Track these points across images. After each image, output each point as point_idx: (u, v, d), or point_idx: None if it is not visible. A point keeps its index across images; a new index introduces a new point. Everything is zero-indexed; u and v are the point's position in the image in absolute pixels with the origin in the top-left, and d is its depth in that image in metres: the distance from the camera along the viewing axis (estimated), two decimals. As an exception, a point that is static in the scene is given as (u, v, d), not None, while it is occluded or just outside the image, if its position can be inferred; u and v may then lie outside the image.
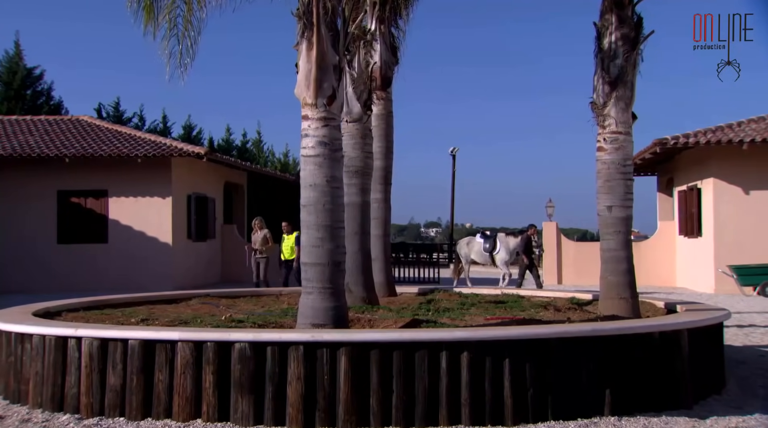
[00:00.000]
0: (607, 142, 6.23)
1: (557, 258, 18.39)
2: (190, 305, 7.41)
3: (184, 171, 17.20)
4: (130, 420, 4.72)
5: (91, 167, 16.36)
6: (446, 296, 7.80)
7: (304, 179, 5.21)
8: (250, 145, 30.93)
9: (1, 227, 16.45)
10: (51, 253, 16.47)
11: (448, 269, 20.59)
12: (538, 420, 4.52)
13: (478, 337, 4.66)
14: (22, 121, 18.99)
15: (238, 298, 8.24)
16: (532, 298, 7.81)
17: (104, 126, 18.64)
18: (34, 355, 5.15)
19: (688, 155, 15.86)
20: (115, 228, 16.65)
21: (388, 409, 4.55)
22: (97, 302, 7.38)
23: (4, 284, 16.04)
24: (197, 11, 6.43)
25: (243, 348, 4.64)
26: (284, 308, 6.84)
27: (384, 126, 8.18)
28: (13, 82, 26.05)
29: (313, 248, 5.16)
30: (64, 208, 16.66)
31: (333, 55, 5.17)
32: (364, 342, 4.61)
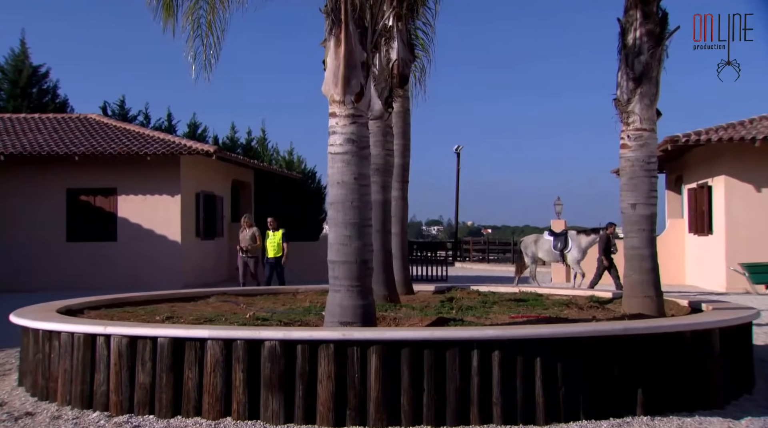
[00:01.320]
0: (631, 139, 6.21)
1: (566, 256, 18.32)
2: (210, 303, 7.40)
3: (192, 169, 17.18)
4: (159, 417, 4.71)
5: (100, 165, 16.35)
6: (465, 295, 7.78)
7: (331, 177, 5.20)
8: (254, 143, 30.87)
9: (11, 226, 16.45)
10: (60, 251, 16.47)
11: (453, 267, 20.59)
12: (570, 420, 4.50)
13: (510, 335, 4.64)
14: (31, 119, 18.97)
15: (255, 296, 8.22)
16: (551, 296, 7.79)
17: (112, 124, 18.63)
18: (62, 353, 5.14)
19: (699, 152, 15.81)
20: (124, 226, 16.65)
21: (419, 408, 4.53)
22: (117, 299, 7.38)
23: (14, 283, 16.03)
24: (220, 11, 6.44)
25: (273, 346, 4.63)
26: (306, 306, 6.82)
27: (401, 124, 8.16)
28: (19, 80, 25.98)
29: (341, 246, 5.15)
30: (73, 206, 16.65)
31: (360, 52, 5.15)
32: (395, 341, 4.60)
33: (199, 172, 17.61)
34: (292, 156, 30.29)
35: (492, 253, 32.80)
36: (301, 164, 29.80)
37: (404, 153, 8.17)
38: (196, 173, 17.39)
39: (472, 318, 5.74)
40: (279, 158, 29.94)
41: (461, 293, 7.85)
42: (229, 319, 5.78)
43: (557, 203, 18.74)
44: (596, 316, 5.92)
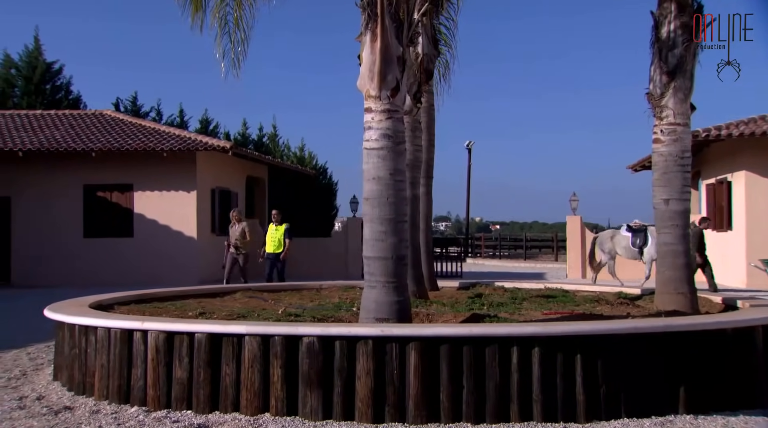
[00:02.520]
0: (665, 133, 6.15)
1: (581, 252, 18.26)
2: (236, 299, 7.40)
3: (207, 165, 17.22)
4: (197, 413, 4.72)
5: (117, 161, 16.41)
6: (491, 291, 7.75)
7: (366, 172, 5.17)
8: (266, 139, 30.89)
9: (29, 222, 16.56)
10: (77, 247, 16.55)
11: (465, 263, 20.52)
12: (611, 418, 4.46)
13: (549, 332, 4.61)
14: (47, 115, 19.06)
15: (279, 292, 8.23)
16: (577, 293, 7.75)
17: (127, 120, 18.68)
18: (99, 348, 5.16)
19: (718, 147, 15.68)
20: (141, 222, 16.71)
21: (458, 405, 4.51)
22: (144, 295, 7.40)
23: (31, 278, 16.16)
24: (246, 8, 6.44)
25: (311, 342, 4.61)
26: (335, 302, 6.81)
27: (426, 119, 8.13)
28: (33, 76, 26.11)
29: (376, 242, 5.13)
30: (90, 202, 16.73)
31: (396, 47, 5.11)
32: (434, 337, 4.57)
33: (215, 168, 17.64)
34: (303, 152, 30.31)
35: (503, 249, 32.72)
36: (313, 160, 29.81)
37: (429, 148, 8.15)
38: (211, 169, 17.43)
39: (504, 315, 5.72)
40: (290, 154, 29.97)
41: (487, 290, 7.82)
42: (261, 315, 5.78)
43: (573, 198, 18.64)
44: (630, 313, 5.88)
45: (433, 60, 8.03)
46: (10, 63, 26.38)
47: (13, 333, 8.69)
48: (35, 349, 7.41)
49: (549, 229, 77.64)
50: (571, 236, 18.40)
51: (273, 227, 12.00)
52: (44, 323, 9.33)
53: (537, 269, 24.27)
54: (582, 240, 18.34)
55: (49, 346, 7.57)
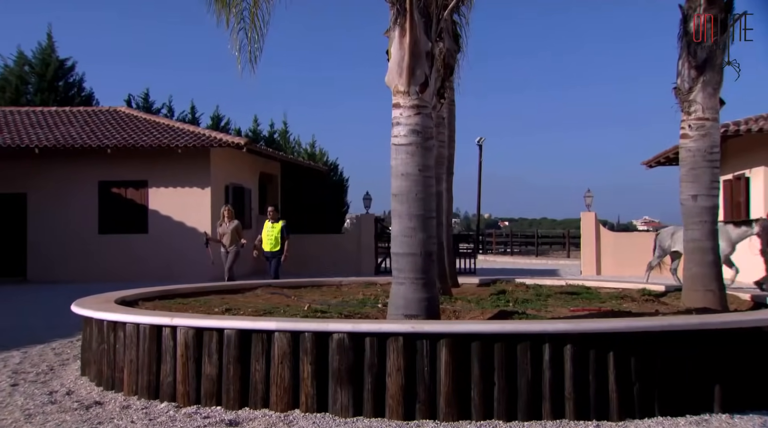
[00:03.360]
0: (693, 128, 6.08)
1: (596, 249, 18.19)
2: (259, 295, 7.42)
3: (221, 162, 17.25)
4: (227, 409, 4.72)
5: (132, 157, 16.47)
6: (513, 287, 7.71)
7: (395, 168, 5.15)
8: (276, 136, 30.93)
9: (45, 218, 16.67)
10: (92, 243, 16.66)
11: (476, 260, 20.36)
12: (645, 416, 4.42)
13: (582, 329, 4.57)
14: (62, 112, 19.16)
15: (300, 288, 8.24)
16: (600, 289, 7.70)
17: (142, 117, 18.75)
18: (128, 343, 5.17)
19: (735, 143, 15.51)
20: (155, 218, 16.78)
21: (490, 402, 4.49)
22: (167, 291, 7.42)
23: (47, 274, 16.29)
24: (263, 3, 6.42)
25: (341, 338, 4.60)
26: (360, 298, 6.80)
27: (447, 115, 8.08)
28: (46, 73, 26.25)
29: (405, 238, 5.10)
30: (105, 198, 16.82)
31: (425, 42, 5.08)
32: (465, 334, 4.55)
33: (228, 164, 17.68)
34: (314, 148, 30.32)
35: (515, 246, 32.63)
36: (324, 156, 29.81)
37: (450, 145, 8.11)
38: (225, 166, 17.47)
39: (532, 311, 5.68)
40: (301, 151, 29.98)
41: (509, 286, 7.78)
42: (287, 311, 5.78)
43: (587, 195, 18.53)
44: (658, 310, 5.83)
45: (454, 55, 7.98)
46: (24, 60, 26.53)
47: (36, 328, 8.74)
48: (59, 344, 7.45)
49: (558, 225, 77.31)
50: (586, 232, 18.31)
51: (269, 225, 11.24)
52: (65, 318, 9.40)
53: (549, 265, 24.16)
54: (596, 236, 18.25)
55: (73, 341, 7.63)
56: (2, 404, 4.93)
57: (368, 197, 19.24)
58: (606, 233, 18.61)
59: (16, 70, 26.23)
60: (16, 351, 7.01)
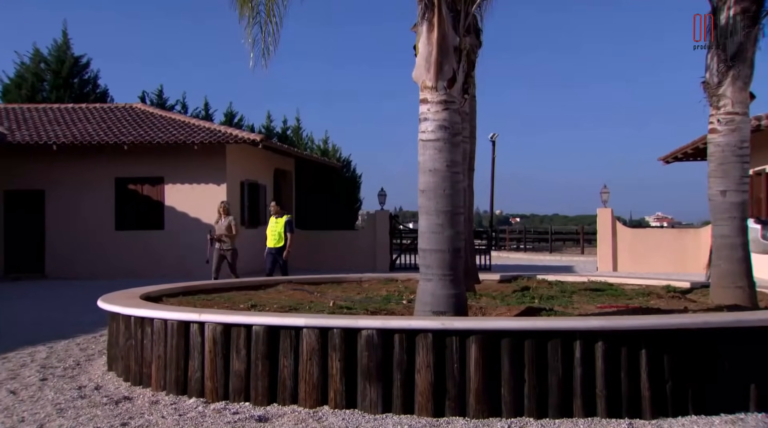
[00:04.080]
0: (722, 123, 6.00)
1: (612, 245, 18.06)
2: (281, 291, 7.42)
3: (237, 158, 17.29)
4: (256, 405, 4.72)
5: (148, 154, 16.54)
6: (536, 284, 7.66)
7: (422, 164, 5.12)
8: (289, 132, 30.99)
9: (62, 215, 16.79)
10: (109, 240, 16.76)
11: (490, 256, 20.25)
12: (678, 414, 4.37)
13: (614, 326, 4.52)
14: (78, 109, 19.29)
15: (320, 285, 8.23)
16: (623, 286, 7.63)
17: (158, 113, 18.83)
18: (155, 339, 5.19)
19: (757, 137, 15.29)
20: (171, 215, 16.85)
21: (520, 399, 4.46)
22: (189, 287, 7.45)
23: (64, 270, 16.42)
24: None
25: (370, 335, 4.59)
26: (384, 294, 6.78)
27: (468, 110, 8.01)
28: (61, 70, 26.43)
29: (432, 234, 5.08)
30: (121, 195, 16.91)
31: (453, 37, 5.04)
32: (496, 330, 4.52)
33: (244, 161, 17.72)
34: (327, 145, 30.33)
35: (528, 242, 32.47)
36: (336, 152, 29.82)
37: (471, 140, 8.06)
38: (240, 162, 17.51)
39: (559, 308, 5.64)
40: (313, 147, 30.00)
41: (531, 283, 7.73)
42: (312, 308, 5.77)
43: (604, 191, 18.38)
44: (687, 307, 5.76)
45: (476, 50, 7.91)
46: (40, 57, 26.73)
47: (58, 323, 8.82)
48: (83, 339, 7.50)
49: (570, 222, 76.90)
50: (602, 228, 18.18)
51: (273, 220, 11.16)
52: (86, 314, 9.51)
53: (563, 262, 24.01)
54: (613, 233, 18.12)
55: (96, 337, 7.69)
56: (33, 398, 4.97)
57: (383, 194, 19.21)
58: (623, 230, 18.46)
59: (32, 68, 26.43)
60: (41, 345, 7.07)
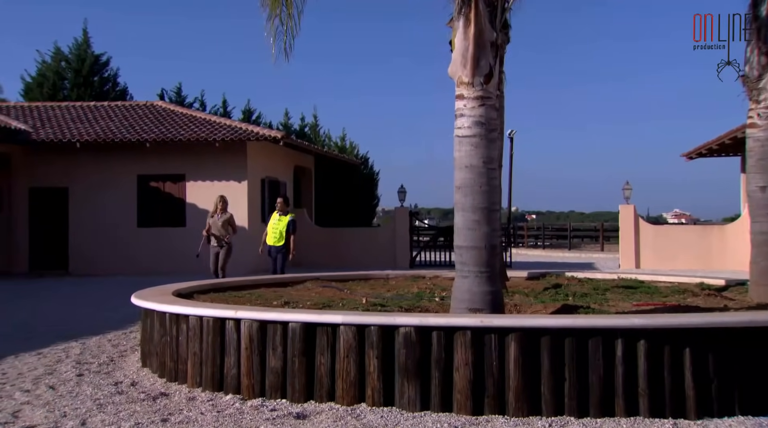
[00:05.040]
0: (762, 118, 5.89)
1: (635, 242, 17.86)
2: (309, 288, 7.42)
3: (257, 155, 17.35)
4: (292, 402, 4.72)
5: (170, 151, 16.65)
6: (566, 281, 7.59)
7: (458, 160, 5.07)
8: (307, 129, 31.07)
9: (85, 212, 16.98)
10: (131, 236, 16.91)
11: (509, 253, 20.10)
12: (724, 415, 4.29)
13: (656, 324, 4.45)
14: (100, 107, 19.47)
15: (347, 281, 8.22)
16: (654, 283, 7.52)
17: (179, 111, 18.95)
18: (191, 336, 5.21)
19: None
20: (193, 212, 16.94)
21: (560, 398, 4.41)
22: (218, 284, 7.48)
23: (86, 267, 16.60)
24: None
25: (408, 332, 4.56)
26: (415, 291, 6.76)
27: (498, 106, 7.96)
28: (82, 68, 26.72)
29: (469, 231, 5.04)
30: (143, 192, 17.06)
31: (490, 32, 4.99)
32: (535, 328, 4.47)
33: (264, 158, 17.78)
34: (344, 142, 30.36)
35: (547, 239, 32.27)
36: (354, 149, 29.84)
37: (500, 136, 7.98)
38: (261, 159, 17.57)
39: (595, 306, 5.57)
40: (331, 144, 30.05)
41: (562, 280, 7.66)
42: (345, 305, 5.76)
43: (626, 187, 18.17)
44: (727, 305, 5.66)
45: (504, 46, 7.84)
46: (61, 56, 27.03)
47: (87, 320, 8.91)
48: (114, 336, 7.56)
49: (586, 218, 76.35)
50: (624, 225, 17.99)
51: (276, 217, 10.58)
52: (113, 310, 9.62)
53: (583, 259, 23.82)
54: (635, 229, 17.92)
55: (126, 333, 7.75)
56: (72, 393, 5.02)
57: (403, 190, 19.17)
58: (645, 226, 18.25)
59: (54, 66, 26.75)
60: (74, 342, 7.14)
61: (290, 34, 6.43)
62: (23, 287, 13.87)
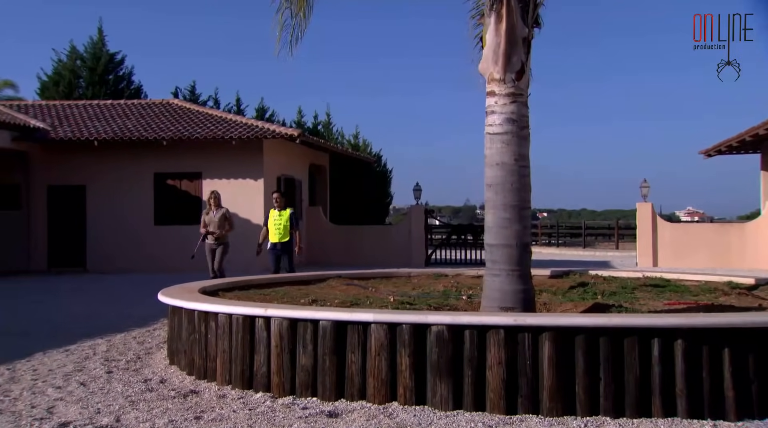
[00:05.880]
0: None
1: (652, 240, 17.71)
2: (333, 286, 7.40)
3: (273, 153, 17.37)
4: (323, 400, 4.70)
5: (186, 149, 16.72)
6: (591, 279, 7.52)
7: (489, 158, 5.03)
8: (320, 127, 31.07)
9: (103, 209, 17.08)
10: (148, 234, 17.00)
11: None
12: (765, 416, 4.21)
13: (694, 324, 4.39)
14: (117, 105, 19.58)
15: (369, 280, 8.20)
16: (682, 282, 7.43)
17: (195, 109, 19.01)
18: (220, 333, 5.20)
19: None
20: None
21: (596, 397, 4.35)
22: (241, 282, 7.47)
23: (104, 265, 16.71)
24: None
25: (440, 330, 4.53)
26: (441, 289, 6.72)
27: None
28: (97, 67, 26.87)
29: (500, 229, 4.99)
30: (160, 190, 17.14)
31: (522, 28, 4.94)
32: (570, 327, 4.42)
33: (280, 156, 17.80)
34: (357, 140, 30.32)
35: (561, 237, 32.09)
36: (367, 147, 29.79)
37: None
38: (277, 157, 17.59)
39: (626, 305, 5.50)
40: (344, 142, 30.02)
41: (587, 278, 7.59)
42: (374, 303, 5.74)
43: (644, 185, 18.01)
44: (761, 304, 5.58)
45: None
46: (76, 55, 27.21)
47: (109, 317, 8.96)
48: (138, 333, 7.59)
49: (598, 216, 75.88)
50: (642, 223, 17.84)
51: (275, 213, 10.06)
52: (133, 307, 9.68)
53: (598, 257, 23.65)
54: (653, 227, 17.76)
55: (150, 330, 7.79)
56: (104, 390, 5.03)
57: (418, 188, 19.13)
58: (663, 224, 18.09)
59: (69, 65, 26.93)
60: (99, 339, 7.17)
61: (299, 28, 6.30)
62: (43, 284, 13.99)
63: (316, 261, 18.86)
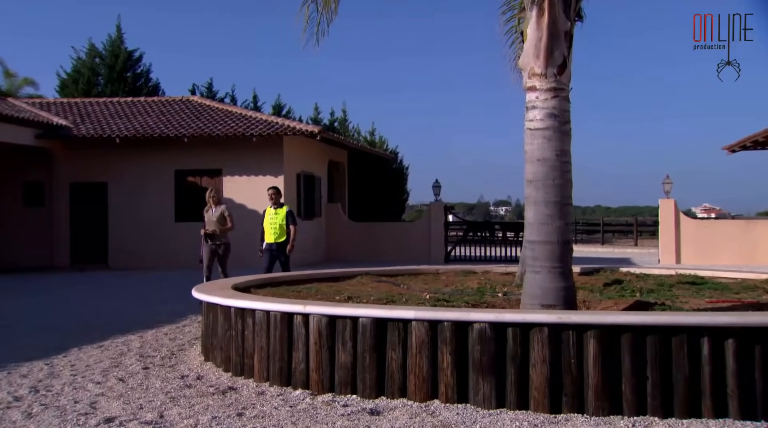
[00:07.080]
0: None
1: (675, 237, 17.50)
2: (363, 282, 7.36)
3: (293, 150, 17.37)
4: (363, 397, 4.67)
5: (207, 146, 16.76)
6: (623, 275, 7.42)
7: (530, 154, 4.96)
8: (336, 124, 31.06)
9: (124, 206, 17.20)
10: (169, 231, 17.07)
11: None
12: (819, 415, 4.13)
13: (746, 323, 4.29)
14: (137, 102, 19.69)
15: (397, 276, 8.15)
16: (717, 279, 7.31)
17: (214, 106, 19.06)
18: (257, 330, 5.19)
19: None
20: (230, 206, 16.93)
21: (643, 397, 4.28)
22: (271, 279, 7.47)
23: (125, 261, 16.83)
24: None
25: (483, 328, 4.47)
26: (476, 286, 6.66)
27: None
28: (115, 65, 27.06)
29: (541, 226, 4.93)
30: (181, 187, 17.21)
31: (564, 21, 4.85)
32: (615, 325, 4.35)
33: (300, 152, 17.80)
34: (374, 136, 30.27)
35: (578, 234, 31.81)
36: (383, 144, 29.73)
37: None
38: (296, 154, 17.59)
39: (668, 302, 5.41)
40: (360, 139, 29.97)
41: (619, 275, 7.48)
42: (409, 300, 5.69)
43: (666, 181, 17.78)
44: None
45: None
46: (95, 52, 27.41)
47: (137, 314, 8.99)
48: (169, 329, 7.62)
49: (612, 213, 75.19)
50: (665, 220, 17.63)
51: (271, 211, 9.39)
52: (160, 304, 9.72)
53: (617, 254, 23.41)
54: (676, 224, 17.55)
55: (180, 327, 7.81)
56: (143, 386, 5.04)
57: (437, 185, 19.04)
58: (686, 221, 17.87)
59: (88, 63, 27.14)
60: (131, 335, 7.20)
61: (325, 20, 6.26)
62: (68, 280, 14.12)
63: (334, 258, 18.87)
